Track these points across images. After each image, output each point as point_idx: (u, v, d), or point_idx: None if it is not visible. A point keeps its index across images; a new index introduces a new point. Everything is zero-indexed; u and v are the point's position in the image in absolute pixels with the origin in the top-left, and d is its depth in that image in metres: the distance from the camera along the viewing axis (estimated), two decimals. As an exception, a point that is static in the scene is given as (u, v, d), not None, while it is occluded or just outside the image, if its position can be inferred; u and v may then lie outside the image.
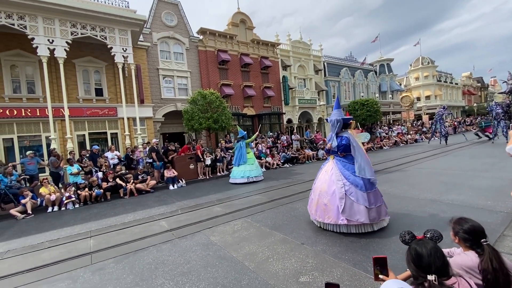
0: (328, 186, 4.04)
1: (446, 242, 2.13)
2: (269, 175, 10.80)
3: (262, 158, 12.96)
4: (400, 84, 39.03)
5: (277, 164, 13.21)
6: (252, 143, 12.57)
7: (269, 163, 12.89)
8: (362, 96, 26.34)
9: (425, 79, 41.58)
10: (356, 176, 3.93)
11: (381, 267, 1.75)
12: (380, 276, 1.75)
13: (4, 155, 11.26)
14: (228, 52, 19.15)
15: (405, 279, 2.08)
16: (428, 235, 1.68)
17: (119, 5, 13.63)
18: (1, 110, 11.08)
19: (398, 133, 21.37)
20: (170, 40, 16.95)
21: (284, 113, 21.98)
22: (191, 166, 11.40)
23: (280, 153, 14.25)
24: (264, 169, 12.44)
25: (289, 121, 23.02)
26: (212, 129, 13.49)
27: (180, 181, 10.17)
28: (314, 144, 16.76)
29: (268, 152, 13.89)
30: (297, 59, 24.14)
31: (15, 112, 11.34)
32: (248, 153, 10.07)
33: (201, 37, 18.34)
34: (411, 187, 6.45)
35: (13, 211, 7.06)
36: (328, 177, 4.11)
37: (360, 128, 8.81)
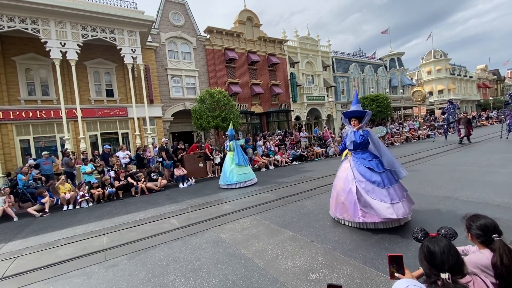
0: (345, 184, 4.00)
1: (460, 240, 2.08)
2: (278, 173, 10.78)
3: (271, 155, 12.95)
4: (412, 79, 38.13)
5: (286, 162, 13.16)
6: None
7: (278, 161, 12.86)
8: (372, 92, 25.88)
9: (437, 73, 40.43)
10: (374, 172, 3.84)
11: (397, 265, 1.72)
12: (396, 274, 1.71)
13: (21, 155, 11.67)
14: (235, 50, 19.16)
15: (418, 277, 2.05)
16: (442, 232, 1.64)
17: (127, 7, 13.83)
18: (18, 112, 11.48)
19: (410, 128, 20.89)
20: (177, 40, 17.09)
21: (292, 110, 21.85)
22: (200, 165, 11.51)
23: (289, 151, 14.20)
24: (272, 167, 12.43)
25: (297, 118, 22.89)
26: (220, 127, 13.56)
27: (190, 180, 10.28)
28: (323, 141, 16.60)
29: (277, 150, 13.86)
30: (305, 55, 23.91)
31: (31, 114, 11.72)
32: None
33: (208, 36, 18.42)
34: (424, 183, 6.31)
35: (30, 210, 7.32)
36: (345, 175, 4.07)
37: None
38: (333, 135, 17.08)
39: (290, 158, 13.56)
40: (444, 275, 1.43)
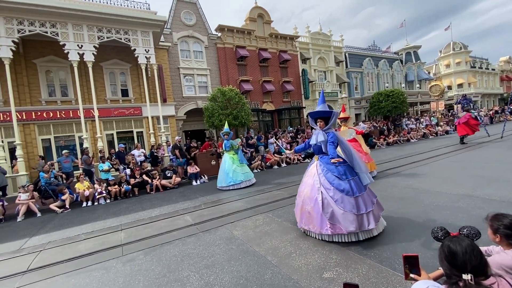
0: (311, 192, 3.64)
1: (482, 240, 1.99)
2: (290, 171, 10.72)
3: (283, 153, 12.88)
4: (429, 73, 36.77)
5: (298, 159, 13.07)
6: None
7: (290, 158, 12.79)
8: (387, 87, 25.21)
9: (457, 66, 38.76)
10: (342, 180, 3.49)
11: (411, 265, 1.67)
12: (411, 275, 1.66)
13: (44, 154, 12.21)
14: (246, 48, 19.14)
15: (436, 278, 1.98)
16: (464, 232, 1.57)
17: (140, 8, 14.09)
18: (39, 113, 12.01)
19: (427, 124, 20.20)
20: (189, 39, 17.27)
21: (304, 107, 21.63)
22: (213, 162, 11.62)
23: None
24: (284, 164, 12.38)
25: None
26: (232, 125, 13.61)
27: (203, 177, 10.41)
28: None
29: (289, 147, 13.78)
30: (316, 51, 23.57)
31: (51, 114, 12.23)
32: (235, 154, 8.72)
33: (219, 34, 18.49)
34: (442, 181, 6.09)
35: (52, 206, 7.65)
36: (311, 182, 3.70)
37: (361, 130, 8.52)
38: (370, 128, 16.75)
39: (303, 156, 13.44)
40: (467, 276, 1.37)
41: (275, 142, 12.98)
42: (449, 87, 38.24)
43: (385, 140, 16.21)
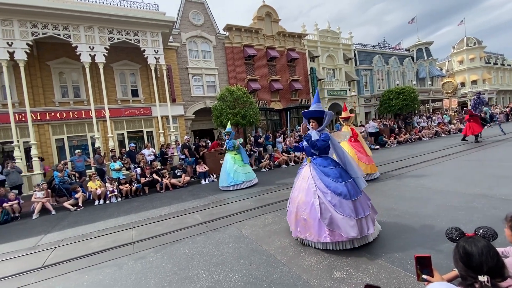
0: (306, 197, 3.38)
1: (498, 241, 1.93)
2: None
3: (291, 152, 12.84)
4: (441, 69, 35.87)
5: (307, 158, 12.98)
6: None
7: (298, 157, 12.72)
8: (398, 85, 24.70)
9: (470, 62, 37.66)
10: (338, 183, 3.30)
11: (423, 266, 1.63)
12: (424, 276, 1.63)
13: (57, 153, 12.58)
14: (254, 47, 19.13)
15: (451, 280, 1.94)
16: (480, 233, 1.53)
17: (149, 9, 14.28)
18: (53, 113, 12.35)
19: (439, 122, 19.71)
20: (197, 39, 17.39)
21: (313, 106, 21.45)
22: (221, 161, 11.64)
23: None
24: (293, 164, 12.33)
25: (318, 114, 22.42)
26: (240, 124, 13.66)
27: (211, 176, 10.48)
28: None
29: (297, 146, 13.70)
30: (325, 49, 23.33)
31: (64, 115, 12.57)
32: (237, 154, 8.70)
33: (227, 33, 18.54)
34: (456, 180, 5.94)
35: (66, 204, 7.87)
36: (306, 186, 3.45)
37: (362, 126, 8.30)
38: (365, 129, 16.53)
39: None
40: (483, 278, 1.33)
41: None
42: (463, 84, 37.17)
43: (395, 139, 15.93)
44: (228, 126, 9.00)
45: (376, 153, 12.95)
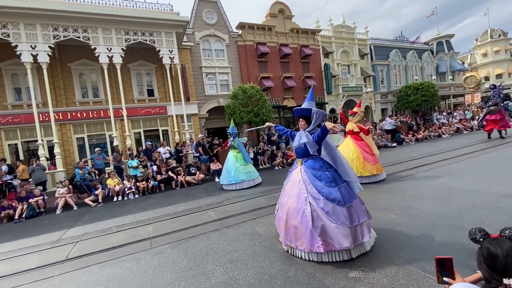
0: (297, 203, 3.12)
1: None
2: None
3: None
4: (463, 63, 34.24)
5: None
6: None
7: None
8: (416, 80, 23.83)
9: (495, 54, 35.65)
10: (332, 187, 3.05)
11: (443, 268, 1.57)
12: (445, 278, 1.57)
13: (78, 152, 13.12)
14: (267, 44, 19.04)
15: (474, 283, 1.85)
16: (506, 234, 1.45)
17: (164, 9, 14.52)
18: (74, 113, 12.87)
19: (461, 119, 18.86)
20: (211, 38, 17.51)
21: (327, 103, 21.15)
22: (235, 159, 11.74)
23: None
24: (307, 161, 12.20)
25: (332, 111, 22.09)
26: (253, 122, 13.67)
27: (225, 174, 10.55)
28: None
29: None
30: (340, 44, 22.85)
31: (84, 115, 13.07)
32: (239, 152, 8.60)
33: (240, 32, 18.54)
34: (479, 179, 5.67)
35: (87, 200, 8.20)
36: (297, 191, 3.18)
37: (367, 122, 7.81)
38: (371, 127, 16.13)
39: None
40: (508, 281, 1.27)
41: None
42: (486, 78, 35.29)
43: (413, 136, 15.40)
44: (232, 125, 8.92)
45: (392, 151, 12.60)
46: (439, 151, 10.30)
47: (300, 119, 3.36)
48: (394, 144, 14.48)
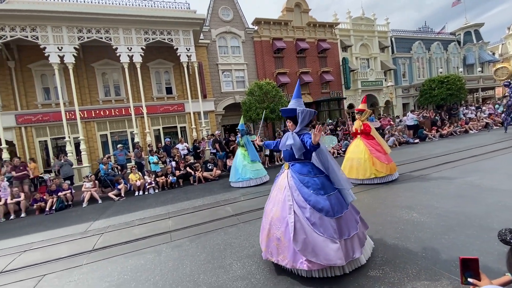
0: (282, 212, 2.81)
1: None
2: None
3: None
4: (494, 54, 32.06)
5: (338, 153, 12.58)
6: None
7: (330, 152, 12.37)
8: (441, 73, 22.64)
9: (530, 43, 33.07)
10: (320, 195, 2.74)
11: (468, 269, 1.50)
12: (470, 280, 1.50)
13: (102, 148, 13.73)
14: (283, 40, 18.82)
15: (503, 285, 1.76)
16: (540, 236, 1.37)
17: (181, 8, 14.74)
18: (98, 111, 13.44)
19: (490, 114, 17.73)
20: (227, 34, 17.58)
21: (345, 98, 20.62)
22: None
23: (342, 141, 13.52)
24: (324, 158, 12.00)
25: (351, 106, 21.53)
26: (269, 118, 13.64)
27: (242, 170, 10.63)
28: (381, 131, 15.31)
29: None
30: (359, 37, 22.14)
31: (107, 112, 13.61)
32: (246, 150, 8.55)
33: (256, 27, 18.46)
34: (510, 177, 5.33)
35: (110, 194, 8.59)
36: (282, 198, 2.87)
37: (378, 120, 7.29)
38: (392, 123, 15.58)
39: (344, 149, 12.90)
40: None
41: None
42: (520, 69, 32.84)
43: (438, 132, 14.71)
44: (241, 122, 8.80)
45: (414, 147, 12.12)
46: (466, 148, 9.78)
47: (287, 120, 3.08)
48: (417, 141, 13.90)
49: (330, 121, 16.92)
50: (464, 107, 19.03)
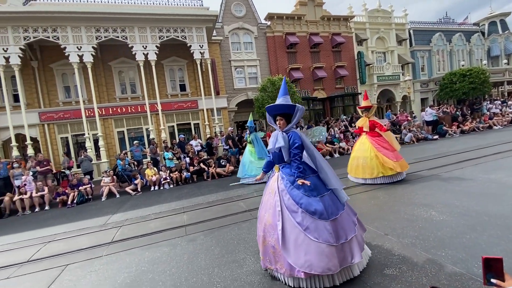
0: (273, 217, 2.65)
1: None
2: (344, 161, 10.20)
3: (335, 143, 12.32)
4: (521, 44, 30.15)
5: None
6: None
7: (343, 149, 12.16)
8: (463, 65, 21.59)
9: None
10: (312, 197, 2.57)
11: (491, 269, 1.42)
12: (493, 280, 1.43)
13: (119, 144, 14.17)
14: (296, 34, 18.55)
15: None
16: None
17: (194, 5, 14.83)
18: (115, 109, 13.85)
19: (517, 108, 16.79)
20: (239, 31, 17.54)
21: (360, 93, 20.12)
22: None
23: (356, 138, 13.23)
24: (337, 155, 11.84)
25: (366, 101, 20.96)
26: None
27: (254, 166, 10.66)
28: (397, 127, 14.85)
29: (342, 137, 13.09)
30: (375, 30, 21.45)
31: (124, 110, 14.00)
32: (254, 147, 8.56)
33: (268, 23, 18.29)
34: (539, 175, 5.04)
35: (127, 189, 8.87)
36: (273, 202, 2.71)
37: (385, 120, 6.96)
38: (409, 118, 15.07)
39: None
40: None
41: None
42: (551, 61, 30.76)
43: (459, 128, 14.11)
44: (250, 119, 8.87)
45: (433, 144, 11.70)
46: (489, 144, 9.32)
47: (278, 117, 2.84)
48: (436, 137, 13.40)
49: (345, 116, 16.59)
50: (488, 102, 18.13)
